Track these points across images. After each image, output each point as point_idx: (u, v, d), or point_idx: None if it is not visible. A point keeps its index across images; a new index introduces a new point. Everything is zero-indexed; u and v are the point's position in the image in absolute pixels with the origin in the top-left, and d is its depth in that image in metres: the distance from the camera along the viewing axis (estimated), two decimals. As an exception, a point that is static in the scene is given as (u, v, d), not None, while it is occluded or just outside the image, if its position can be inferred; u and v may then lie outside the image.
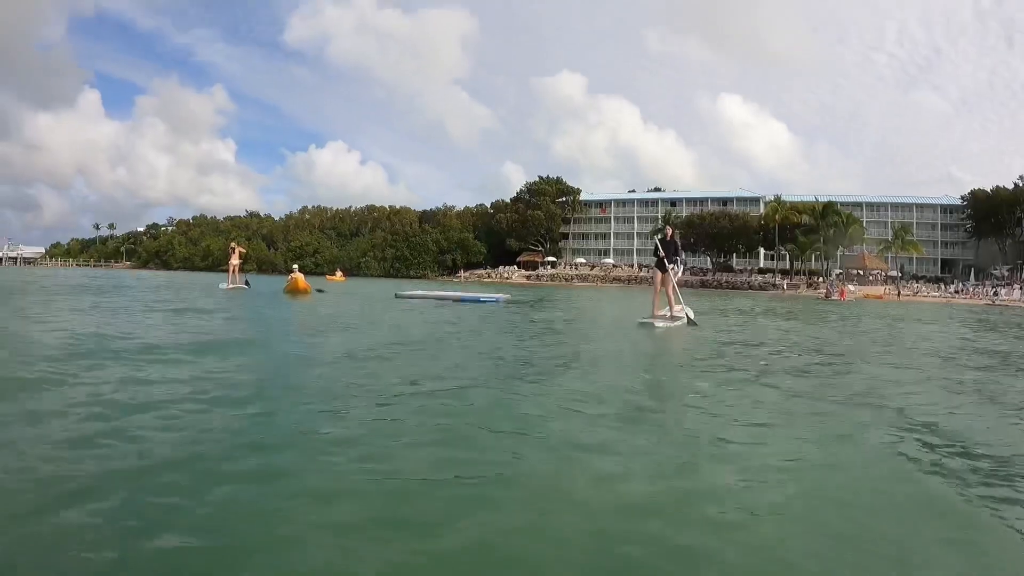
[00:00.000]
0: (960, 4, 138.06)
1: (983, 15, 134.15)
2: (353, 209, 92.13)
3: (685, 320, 10.58)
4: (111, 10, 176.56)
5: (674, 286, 10.53)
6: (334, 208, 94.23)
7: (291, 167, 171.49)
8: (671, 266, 10.49)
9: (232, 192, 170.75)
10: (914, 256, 68.41)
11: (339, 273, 50.62)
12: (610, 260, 71.35)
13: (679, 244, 11.16)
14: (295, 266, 28.97)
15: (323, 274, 57.20)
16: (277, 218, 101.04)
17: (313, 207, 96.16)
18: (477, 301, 16.34)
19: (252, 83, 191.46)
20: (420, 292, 18.73)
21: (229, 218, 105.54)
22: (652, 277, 10.91)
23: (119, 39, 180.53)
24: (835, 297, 44.05)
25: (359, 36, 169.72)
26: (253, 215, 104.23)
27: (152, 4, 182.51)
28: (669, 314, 10.43)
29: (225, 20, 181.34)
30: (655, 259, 10.63)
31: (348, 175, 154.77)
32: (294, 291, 17.71)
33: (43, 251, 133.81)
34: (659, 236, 10.82)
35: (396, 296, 17.37)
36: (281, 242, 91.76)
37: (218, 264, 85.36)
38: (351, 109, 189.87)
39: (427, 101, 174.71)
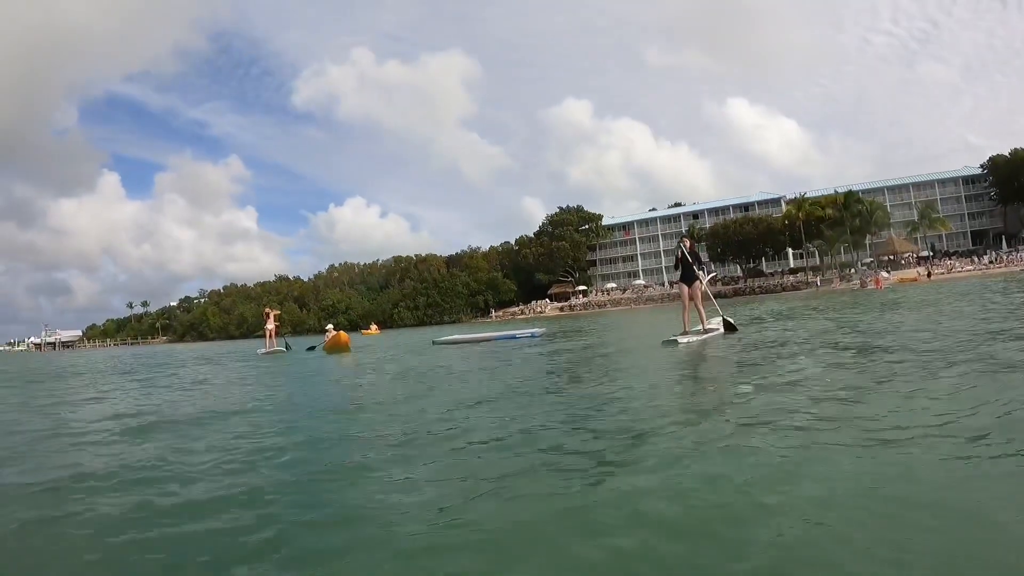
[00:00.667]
0: None
1: None
2: (380, 262, 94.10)
3: (721, 331, 10.49)
4: (119, 92, 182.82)
5: (703, 296, 10.53)
6: (361, 263, 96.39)
7: (313, 227, 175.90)
8: (698, 277, 10.40)
9: (258, 257, 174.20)
10: (943, 233, 68.02)
11: (374, 327, 51.49)
12: (640, 281, 72.00)
13: (699, 254, 11.15)
14: (329, 325, 30.07)
15: (358, 329, 58.31)
16: (306, 279, 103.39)
17: (340, 264, 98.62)
18: (512, 338, 16.38)
19: (266, 149, 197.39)
20: (456, 336, 18.88)
21: (259, 284, 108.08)
22: (680, 292, 10.58)
23: (131, 120, 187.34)
24: (871, 286, 43.09)
25: (364, 91, 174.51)
26: (282, 278, 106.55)
27: (159, 83, 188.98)
28: (702, 328, 10.34)
29: (233, 91, 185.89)
30: (678, 274, 10.51)
31: (369, 228, 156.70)
32: (335, 347, 17.70)
33: (79, 333, 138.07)
34: (677, 251, 10.59)
35: (433, 343, 17.26)
36: (312, 302, 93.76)
37: (253, 331, 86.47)
38: (365, 164, 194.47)
39: (438, 146, 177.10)
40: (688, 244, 10.65)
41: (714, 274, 11.00)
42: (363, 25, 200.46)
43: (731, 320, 10.95)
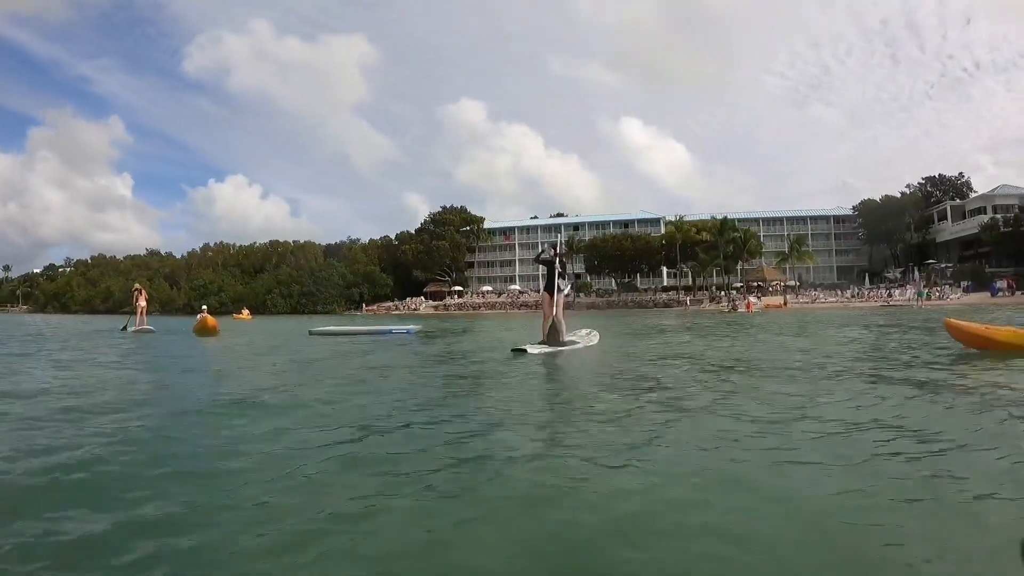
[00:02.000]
0: (847, 26, 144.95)
1: (869, 35, 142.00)
2: (256, 245, 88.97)
3: (580, 344, 10.09)
4: (2, 34, 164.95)
5: (561, 309, 9.94)
6: (237, 244, 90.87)
7: (191, 202, 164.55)
8: (560, 288, 9.85)
9: (130, 228, 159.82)
10: (811, 265, 70.52)
11: (245, 312, 49.17)
12: (516, 287, 70.86)
13: (566, 265, 10.44)
14: (204, 307, 28.11)
15: (228, 313, 54.83)
16: (179, 256, 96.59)
17: (216, 244, 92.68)
18: (389, 333, 16.67)
19: (151, 114, 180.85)
20: (333, 328, 18.86)
21: (129, 257, 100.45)
22: (542, 301, 10.28)
23: (10, 66, 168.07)
24: (742, 310, 45.06)
25: (259, 65, 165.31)
26: (153, 253, 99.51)
27: (48, 30, 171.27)
28: (560, 339, 9.80)
29: (125, 49, 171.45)
30: (545, 279, 10.05)
31: (249, 209, 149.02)
32: (203, 330, 18.03)
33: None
34: (545, 255, 10.16)
35: (310, 333, 17.32)
36: (184, 281, 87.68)
37: (120, 306, 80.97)
38: (251, 141, 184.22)
39: (329, 131, 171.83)
40: (552, 253, 10.15)
41: (569, 287, 9.76)
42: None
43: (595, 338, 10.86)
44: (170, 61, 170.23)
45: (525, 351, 8.99)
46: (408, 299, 71.90)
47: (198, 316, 20.83)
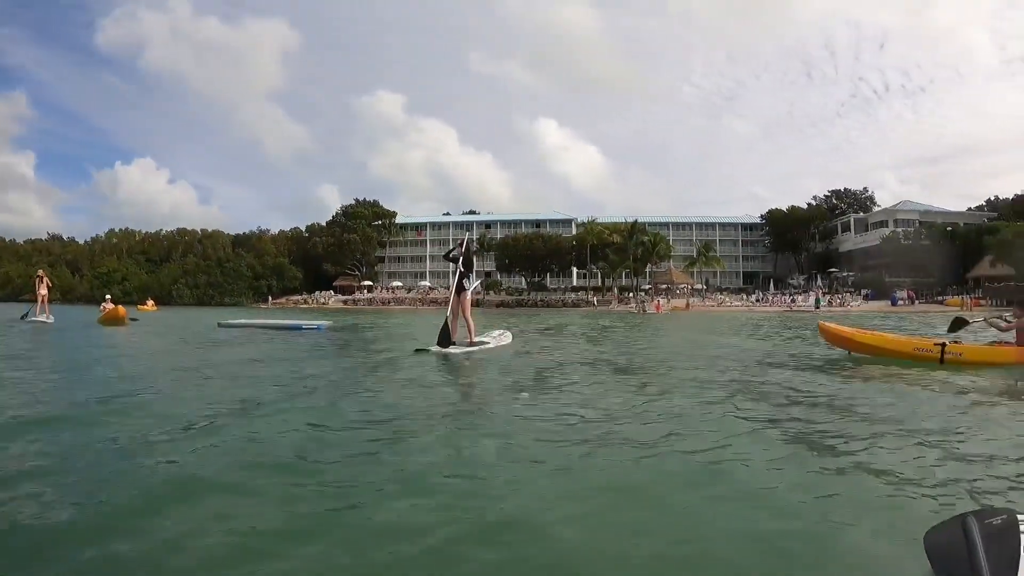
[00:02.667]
0: (764, 43, 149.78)
1: (786, 53, 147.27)
2: (163, 232, 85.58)
3: (491, 344, 9.86)
4: None
5: (469, 308, 9.70)
6: (142, 231, 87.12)
7: (96, 185, 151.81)
8: (465, 288, 9.57)
9: (31, 211, 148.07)
10: (718, 270, 72.44)
11: (150, 302, 47.31)
12: (426, 283, 70.27)
13: (472, 262, 10.07)
14: (108, 296, 27.73)
15: (132, 303, 52.54)
16: (82, 241, 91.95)
17: (120, 230, 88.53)
18: (299, 328, 16.46)
19: (58, 90, 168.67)
20: (243, 321, 18.74)
21: (30, 241, 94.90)
22: (450, 300, 9.77)
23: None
24: (651, 311, 46.04)
25: (175, 44, 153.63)
26: (55, 238, 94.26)
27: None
28: (469, 340, 9.55)
29: (35, 19, 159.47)
30: (456, 271, 9.61)
31: (156, 194, 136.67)
32: (112, 320, 18.22)
33: None
34: (454, 252, 9.68)
35: (219, 325, 17.23)
36: (87, 268, 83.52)
37: (19, 293, 76.86)
38: (162, 123, 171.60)
39: (242, 117, 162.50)
40: (459, 251, 9.70)
41: (477, 283, 9.45)
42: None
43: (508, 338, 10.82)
44: (83, 34, 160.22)
45: (428, 351, 8.76)
46: (317, 293, 70.35)
47: (102, 306, 21.12)
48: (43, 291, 20.16)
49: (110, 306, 21.27)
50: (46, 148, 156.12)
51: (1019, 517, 1.08)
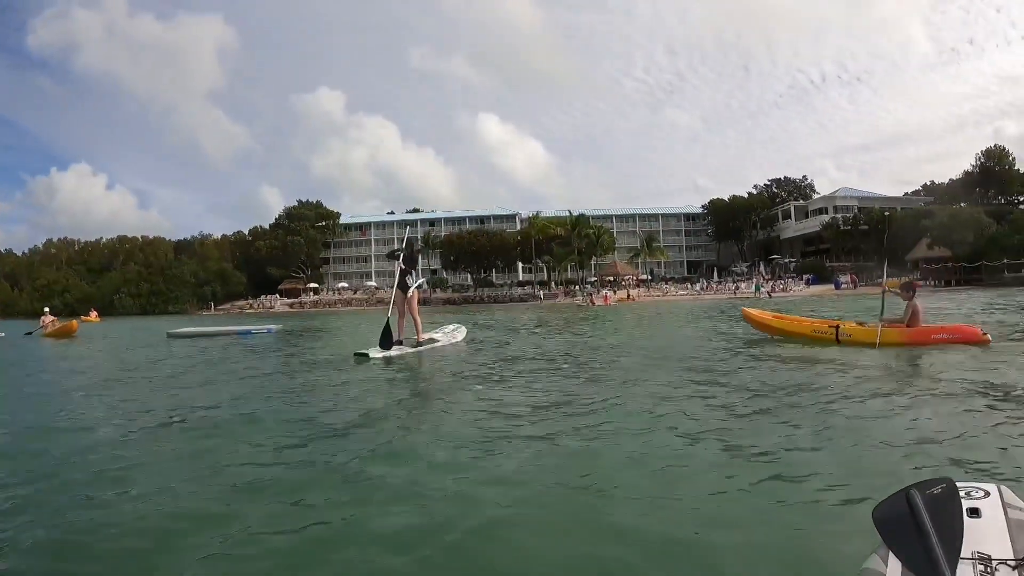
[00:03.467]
0: (703, 36, 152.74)
1: (724, 46, 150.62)
2: (103, 241, 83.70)
3: (441, 342, 9.76)
4: None
5: (416, 306, 9.55)
6: (82, 240, 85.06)
7: (31, 192, 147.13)
8: (408, 285, 9.36)
9: None
10: (662, 260, 73.79)
11: (93, 313, 45.00)
12: (372, 283, 70.15)
13: (416, 259, 9.92)
14: (47, 308, 27.21)
15: (75, 315, 51.16)
16: (20, 253, 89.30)
17: (59, 239, 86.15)
18: (248, 334, 16.58)
19: None
20: (191, 329, 18.57)
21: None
22: (395, 298, 9.52)
23: None
24: (599, 303, 46.25)
25: (109, 44, 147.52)
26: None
27: None
28: (416, 338, 9.33)
29: None
30: (399, 271, 9.35)
31: (93, 200, 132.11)
32: (64, 334, 18.81)
33: None
34: (396, 250, 9.53)
35: (168, 335, 16.97)
36: (27, 281, 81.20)
37: (-46, 309, 74.58)
38: (97, 127, 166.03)
39: (180, 118, 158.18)
40: (402, 245, 9.65)
41: (422, 281, 9.98)
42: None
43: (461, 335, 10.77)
44: (13, 36, 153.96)
45: (367, 356, 8.26)
46: (263, 297, 69.62)
47: (41, 320, 21.46)
48: None
49: (49, 319, 21.66)
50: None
51: (958, 484, 1.19)
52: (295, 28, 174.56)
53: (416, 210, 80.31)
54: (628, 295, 59.50)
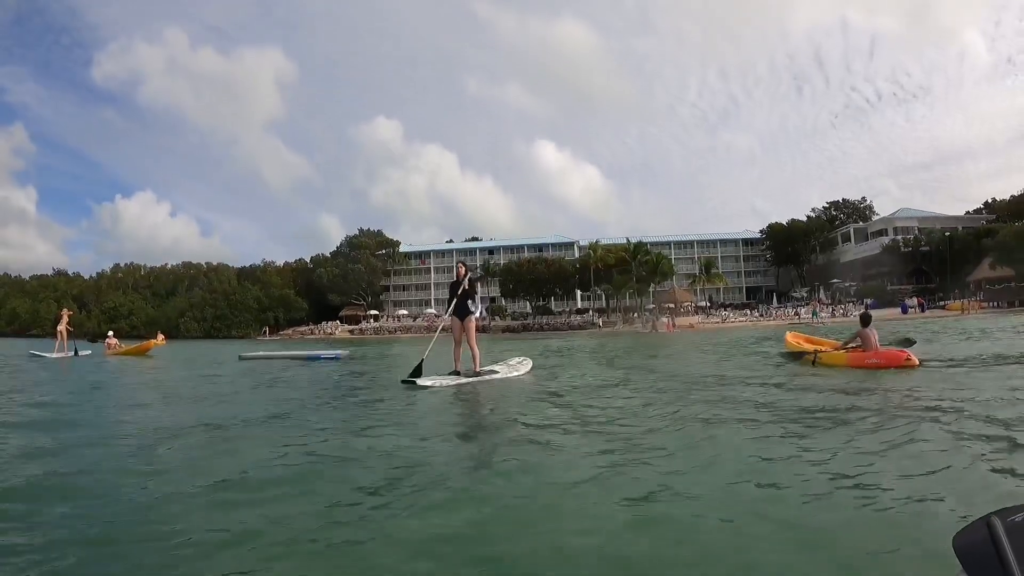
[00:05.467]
0: (755, 60, 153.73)
1: (776, 69, 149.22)
2: (169, 267, 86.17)
3: (501, 374, 9.12)
4: None
5: (473, 335, 8.98)
6: (147, 266, 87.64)
7: (97, 219, 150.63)
8: (471, 312, 8.91)
9: (33, 246, 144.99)
10: (720, 286, 72.88)
11: (161, 336, 47.11)
12: (432, 310, 70.74)
13: (476, 284, 9.49)
14: (111, 332, 28.78)
15: (140, 337, 52.90)
16: (87, 276, 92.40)
17: (126, 264, 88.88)
18: (318, 359, 16.92)
19: (57, 125, 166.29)
20: (263, 352, 19.46)
21: (35, 277, 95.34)
22: (451, 327, 9.15)
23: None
24: (663, 331, 45.95)
25: (171, 77, 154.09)
26: (61, 274, 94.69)
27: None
28: (475, 369, 8.82)
29: (38, 58, 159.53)
30: (451, 306, 9.02)
31: (157, 227, 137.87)
32: (142, 352, 20.85)
33: None
34: (460, 279, 9.13)
35: (240, 358, 17.69)
36: (94, 304, 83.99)
37: (26, 329, 77.51)
38: (161, 156, 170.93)
39: (241, 149, 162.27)
40: (462, 271, 9.18)
41: (479, 310, 9.45)
42: (185, 9, 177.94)
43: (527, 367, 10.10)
44: (81, 71, 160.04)
45: (415, 383, 7.78)
46: (324, 323, 70.78)
47: (106, 342, 22.94)
48: (62, 327, 21.37)
49: (114, 341, 22.92)
50: (46, 183, 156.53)
51: None
52: (352, 60, 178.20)
53: (475, 238, 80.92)
54: (690, 323, 58.99)
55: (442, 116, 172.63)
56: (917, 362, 8.68)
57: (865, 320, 9.69)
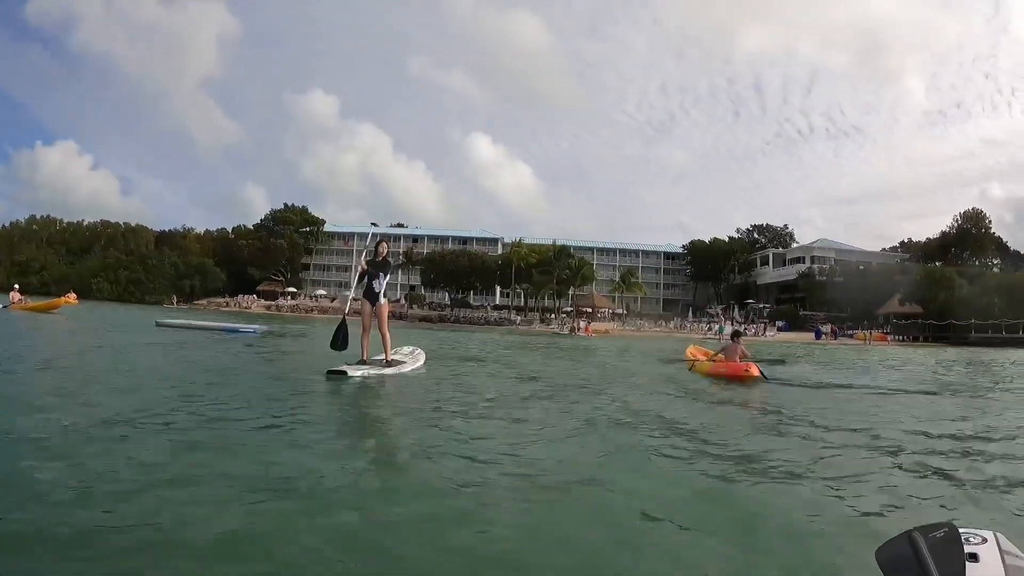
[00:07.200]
0: (697, 79, 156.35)
1: (716, 91, 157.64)
2: (86, 223, 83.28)
3: (410, 365, 8.52)
4: None
5: (385, 321, 8.06)
6: (64, 220, 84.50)
7: (14, 165, 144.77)
8: (380, 294, 7.88)
9: None
10: (639, 296, 75.01)
11: (73, 295, 45.63)
12: (350, 292, 70.39)
13: (389, 264, 8.28)
14: (16, 286, 27.88)
15: (50, 294, 50.99)
16: (0, 226, 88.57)
17: (41, 217, 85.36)
18: (235, 331, 17.08)
19: None
20: (181, 321, 19.37)
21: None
22: (360, 310, 8.18)
23: None
24: (581, 333, 45.96)
25: (108, 21, 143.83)
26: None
27: None
28: (384, 359, 8.08)
29: None
30: (362, 285, 8.09)
31: (76, 180, 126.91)
32: (51, 308, 21.29)
33: None
34: (367, 257, 8.23)
35: (157, 324, 17.90)
36: (4, 255, 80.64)
37: (-70, 282, 73.89)
38: (88, 105, 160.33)
39: (173, 105, 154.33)
40: (384, 251, 8.28)
41: (386, 279, 8.19)
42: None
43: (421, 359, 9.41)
44: (15, 5, 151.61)
45: (345, 374, 7.15)
46: (240, 296, 69.77)
47: (11, 295, 23.02)
48: None
49: (18, 296, 22.85)
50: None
51: (960, 530, 1.22)
52: (298, 25, 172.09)
53: (400, 225, 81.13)
54: (605, 329, 60.58)
55: (381, 95, 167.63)
56: (757, 374, 9.70)
57: (735, 336, 10.92)
